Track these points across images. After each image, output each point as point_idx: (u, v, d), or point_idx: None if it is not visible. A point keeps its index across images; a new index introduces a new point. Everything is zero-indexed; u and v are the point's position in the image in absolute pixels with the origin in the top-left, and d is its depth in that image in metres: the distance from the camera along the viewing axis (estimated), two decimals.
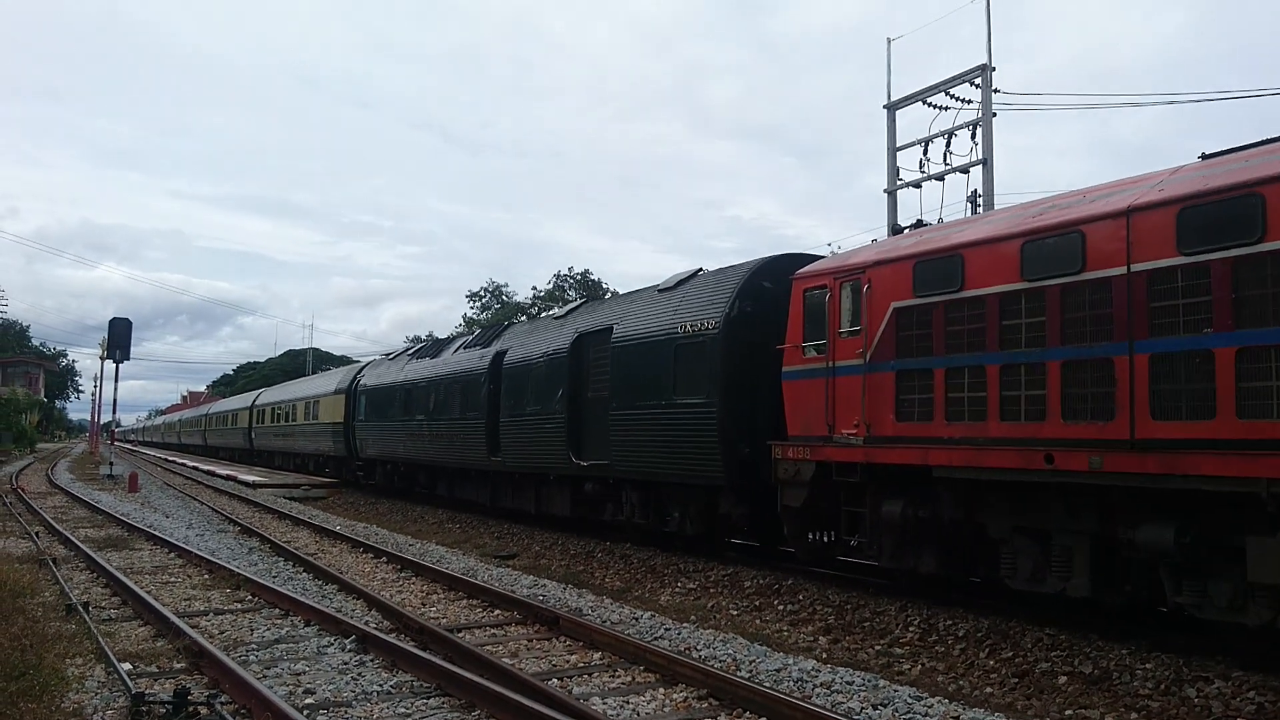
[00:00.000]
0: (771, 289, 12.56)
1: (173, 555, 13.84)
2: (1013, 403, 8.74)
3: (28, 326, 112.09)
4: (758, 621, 10.29)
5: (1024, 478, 8.54)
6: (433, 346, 25.07)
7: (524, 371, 17.87)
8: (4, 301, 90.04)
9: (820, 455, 10.69)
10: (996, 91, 18.94)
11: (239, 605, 10.06)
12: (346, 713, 6.28)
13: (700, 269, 14.80)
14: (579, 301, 17.98)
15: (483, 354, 20.13)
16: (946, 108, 19.58)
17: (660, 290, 14.86)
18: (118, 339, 38.63)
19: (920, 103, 19.99)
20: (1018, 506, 8.91)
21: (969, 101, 19.32)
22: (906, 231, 11.60)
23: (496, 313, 62.56)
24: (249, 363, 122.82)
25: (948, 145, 19.43)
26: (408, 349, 29.17)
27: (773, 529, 12.42)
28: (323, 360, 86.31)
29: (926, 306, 9.68)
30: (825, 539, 11.39)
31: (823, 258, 12.81)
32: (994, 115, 18.94)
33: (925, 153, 19.76)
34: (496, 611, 10.02)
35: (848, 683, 7.15)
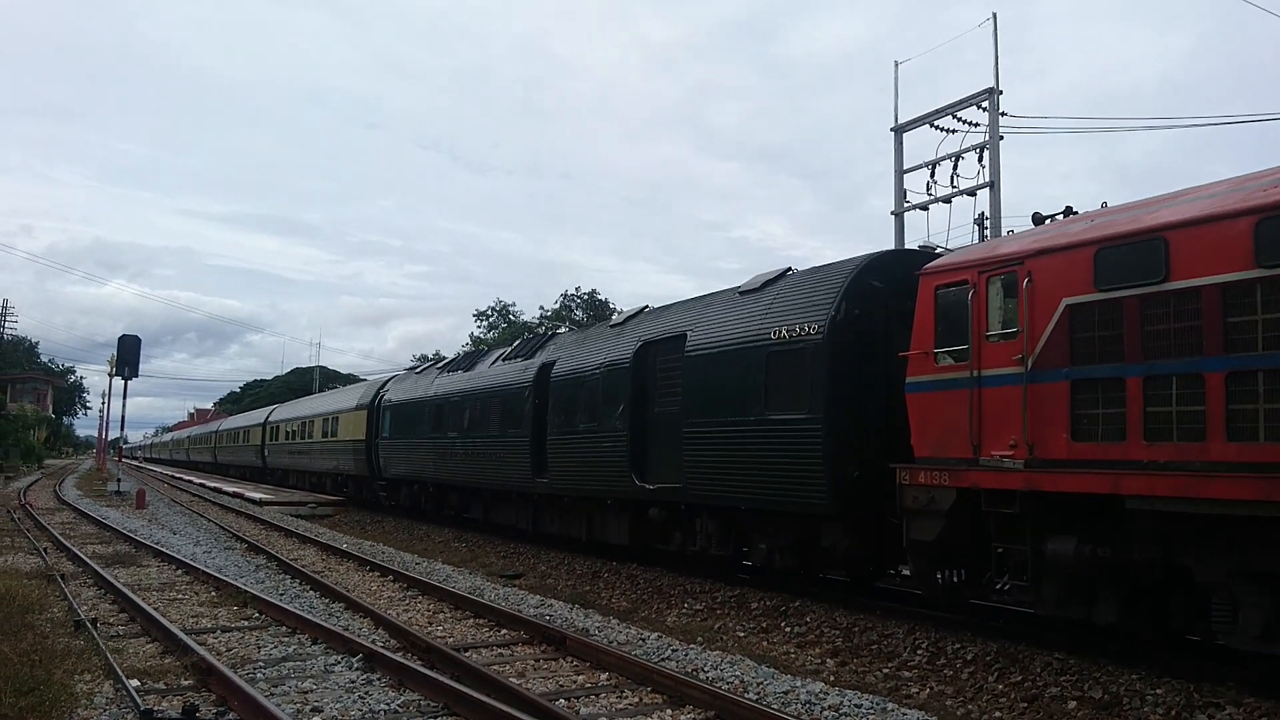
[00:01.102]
0: (881, 289, 11.19)
1: (180, 572, 13.86)
2: (1246, 419, 7.05)
3: (37, 343, 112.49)
4: (765, 643, 10.26)
5: (1263, 512, 6.84)
6: (465, 359, 23.65)
7: (575, 384, 16.30)
8: (13, 318, 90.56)
9: (963, 481, 9.00)
10: (1003, 114, 19.06)
11: (246, 623, 10.07)
12: None
13: (789, 269, 13.22)
14: (636, 309, 16.33)
15: (526, 366, 18.56)
16: (954, 130, 19.71)
17: (742, 292, 13.22)
18: (127, 356, 38.69)
19: (927, 125, 20.11)
20: (1243, 546, 7.17)
21: (976, 124, 19.44)
22: (1062, 218, 9.61)
23: (503, 331, 62.64)
24: (256, 380, 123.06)
25: (955, 168, 19.55)
26: (436, 362, 27.73)
27: (876, 564, 11.77)
28: (329, 378, 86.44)
29: (1113, 302, 8.03)
30: (956, 578, 9.78)
31: (944, 251, 11.92)
32: (1001, 138, 19.05)
33: (932, 175, 19.89)
34: (503, 631, 10.00)
35: (856, 705, 7.12)
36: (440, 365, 25.07)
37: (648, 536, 14.77)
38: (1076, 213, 9.50)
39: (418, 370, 27.24)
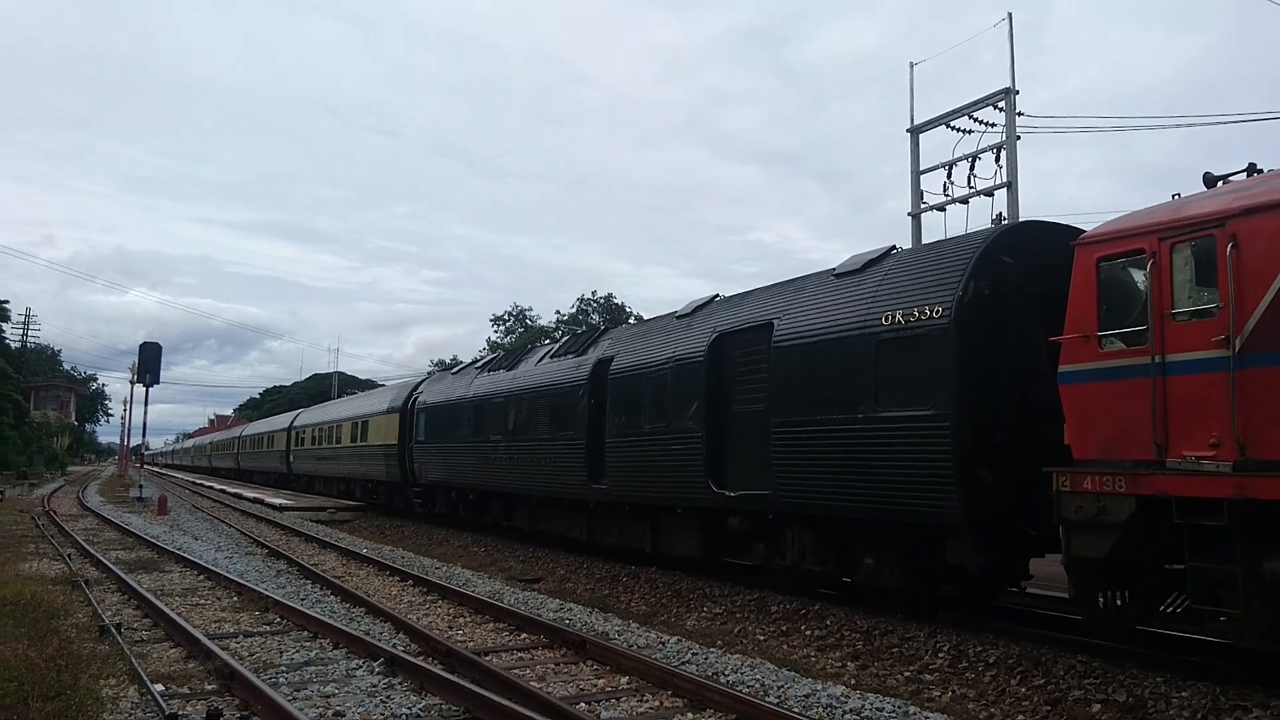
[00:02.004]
0: (1013, 265, 9.86)
1: (202, 577, 13.96)
2: None
3: (59, 351, 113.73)
4: (785, 646, 10.23)
5: None
6: (507, 357, 22.12)
7: (638, 382, 14.86)
8: (36, 327, 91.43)
9: (1146, 487, 7.59)
10: (1020, 115, 18.98)
11: (268, 627, 10.13)
12: None
13: (893, 246, 11.95)
14: (706, 298, 14.89)
15: (578, 363, 17.07)
16: (970, 131, 19.63)
17: (838, 275, 11.78)
18: (148, 363, 39.01)
19: (944, 126, 20.04)
20: None
21: (992, 125, 19.36)
22: (1245, 177, 8.28)
23: (520, 336, 62.80)
24: (275, 386, 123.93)
25: (972, 168, 19.46)
26: (474, 361, 26.43)
27: (1007, 580, 10.69)
28: (348, 384, 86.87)
29: None
30: (1119, 600, 8.32)
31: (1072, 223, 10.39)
32: (1018, 138, 18.96)
33: (949, 176, 19.81)
34: (523, 635, 10.03)
35: (877, 709, 7.10)
36: (479, 364, 23.71)
37: (723, 549, 13.52)
38: (1262, 170, 8.28)
39: (454, 370, 25.98)
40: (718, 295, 14.95)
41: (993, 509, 9.38)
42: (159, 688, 7.04)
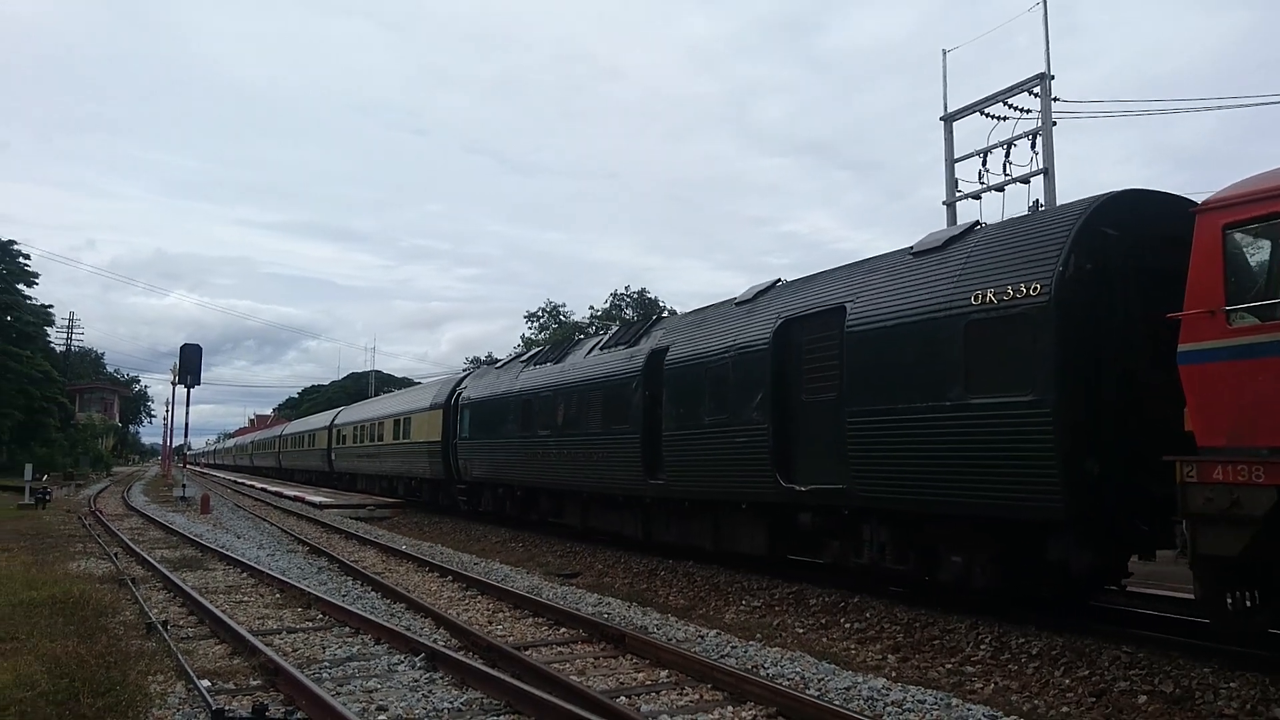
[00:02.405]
0: (1116, 237, 9.10)
1: (245, 575, 14.16)
2: None
3: (103, 354, 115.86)
4: (825, 639, 10.19)
5: None
6: (554, 349, 21.51)
7: (696, 372, 14.19)
8: (80, 330, 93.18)
9: None
10: (1055, 100, 18.73)
11: (310, 624, 10.25)
12: None
13: (977, 222, 11.29)
14: (767, 282, 14.11)
15: (631, 354, 16.46)
16: (1005, 118, 19.41)
17: (916, 254, 10.97)
18: (189, 364, 39.60)
19: (978, 113, 19.83)
20: None
21: (1027, 111, 19.12)
22: None
23: (554, 332, 62.98)
24: (313, 386, 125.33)
25: (1007, 155, 19.23)
26: (519, 355, 25.73)
27: (1110, 579, 10.07)
28: (385, 382, 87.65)
29: None
30: (1249, 602, 7.55)
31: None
32: (1054, 124, 18.71)
33: (984, 163, 19.58)
34: (562, 630, 10.07)
35: (919, 701, 7.05)
36: (525, 358, 23.00)
37: (791, 546, 12.91)
38: None
39: (498, 365, 25.50)
40: (780, 280, 14.17)
41: (1098, 502, 8.70)
42: (205, 683, 7.15)
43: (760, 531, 13.15)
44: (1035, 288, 9.07)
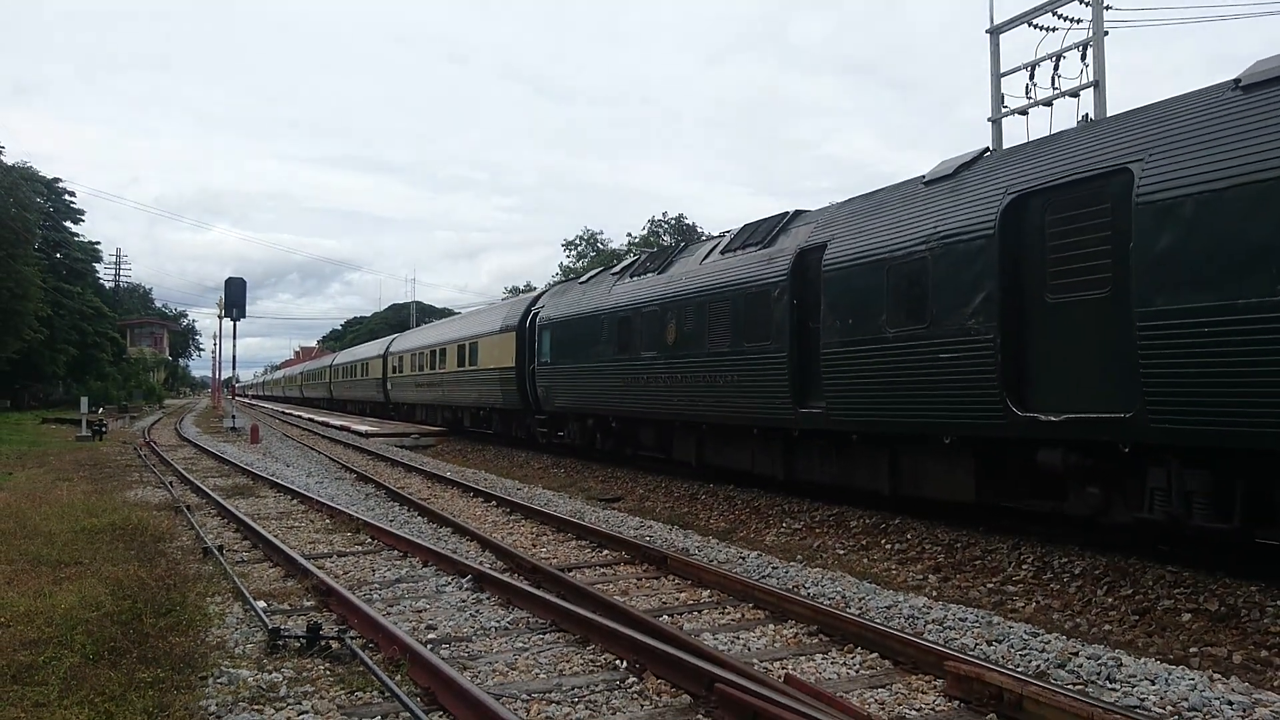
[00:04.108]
0: None
1: (295, 501, 14.51)
2: None
3: (150, 289, 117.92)
4: (865, 560, 10.26)
5: None
6: (653, 259, 18.72)
7: (871, 272, 11.37)
8: (128, 266, 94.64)
9: None
10: (1108, 8, 18.00)
11: (360, 548, 10.51)
12: (467, 647, 6.53)
13: None
14: (973, 152, 11.22)
15: (769, 256, 13.71)
16: (1054, 29, 18.68)
17: (1245, 86, 7.94)
18: (234, 298, 40.27)
19: (1026, 24, 19.11)
20: None
21: (1078, 21, 18.39)
22: None
23: (592, 260, 62.86)
24: (356, 318, 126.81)
25: (1056, 68, 18.56)
26: (608, 266, 23.10)
27: None
28: (425, 313, 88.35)
29: None
30: None
31: None
32: (1106, 34, 18.01)
33: (1031, 77, 18.93)
34: (605, 552, 10.23)
35: (960, 619, 7.10)
36: (617, 269, 20.48)
37: (1011, 492, 10.21)
38: None
39: (581, 280, 22.80)
40: (988, 149, 11.54)
41: None
42: (261, 604, 7.37)
43: (965, 472, 10.55)
44: None
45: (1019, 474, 9.95)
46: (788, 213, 14.30)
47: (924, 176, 11.51)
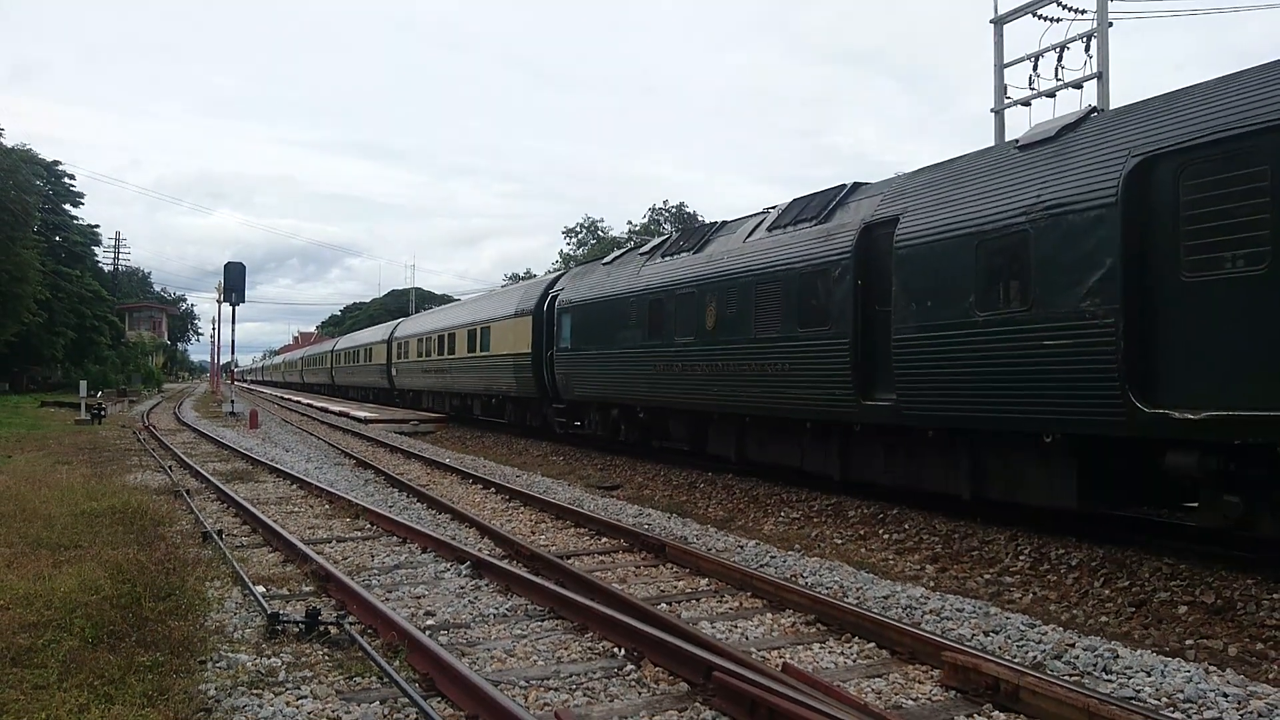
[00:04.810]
0: None
1: (295, 487, 14.52)
2: None
3: (150, 273, 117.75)
4: (863, 550, 10.28)
5: None
6: (686, 237, 17.39)
7: (956, 248, 10.16)
8: (126, 250, 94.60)
9: None
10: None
11: (359, 533, 10.53)
12: (466, 633, 6.55)
13: None
14: (1080, 111, 10.17)
15: (827, 232, 12.51)
16: (1058, 19, 18.64)
17: None
18: (232, 282, 40.19)
19: (1030, 15, 19.06)
20: None
21: (1082, 12, 18.35)
22: None
23: (592, 248, 62.82)
24: (355, 303, 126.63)
25: (1059, 59, 18.52)
26: (635, 246, 21.49)
27: None
28: (425, 300, 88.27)
29: None
30: None
31: None
32: (1110, 25, 17.96)
33: (1035, 68, 18.90)
34: (604, 539, 10.25)
35: (958, 610, 7.12)
36: (646, 249, 19.03)
37: (1118, 497, 9.38)
38: None
39: (605, 260, 21.16)
40: (1094, 109, 10.37)
41: None
42: (260, 589, 7.39)
43: (1066, 475, 9.34)
44: None
45: (1133, 478, 8.98)
46: (844, 185, 13.15)
47: (1017, 141, 10.33)
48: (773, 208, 14.93)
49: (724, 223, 16.51)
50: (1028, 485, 9.81)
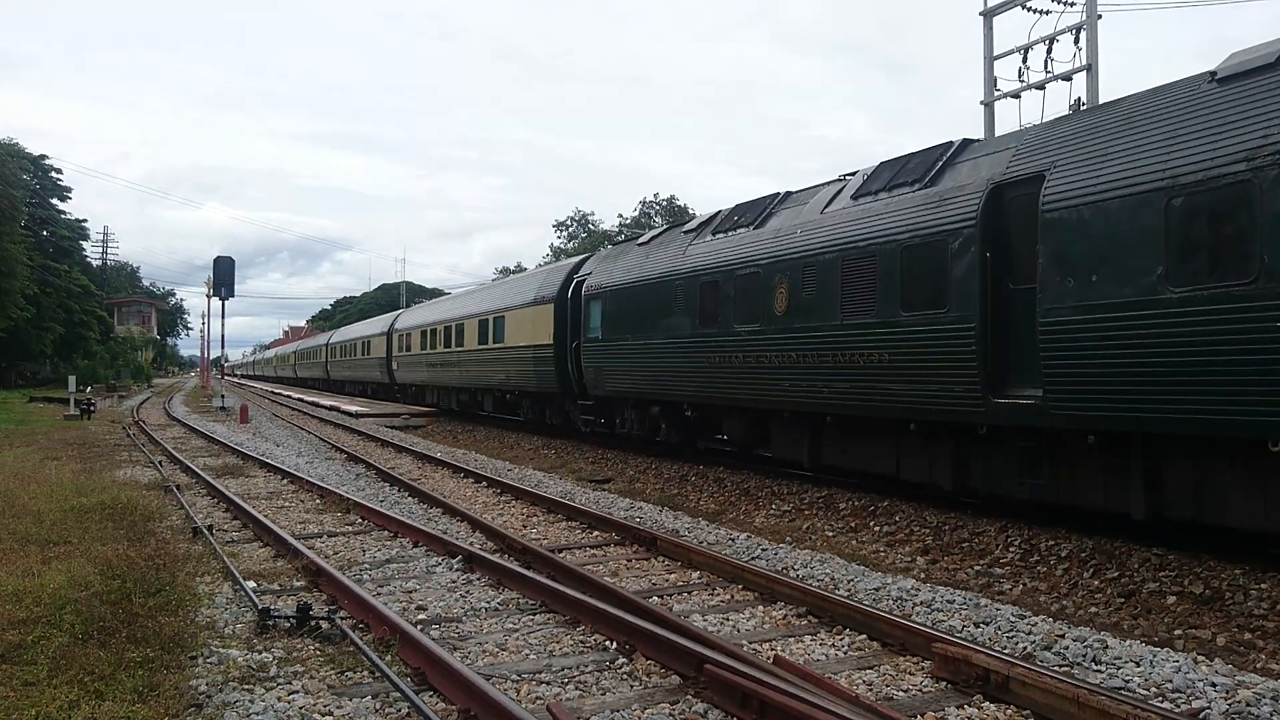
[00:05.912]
0: None
1: (285, 481, 14.49)
2: None
3: (138, 268, 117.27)
4: (854, 542, 10.31)
5: None
6: (746, 209, 14.90)
7: (1139, 208, 8.09)
8: (115, 244, 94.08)
9: None
10: None
11: (350, 528, 10.51)
12: (457, 627, 6.55)
13: None
14: None
15: (938, 195, 10.50)
16: (1048, 11, 18.63)
17: None
18: (222, 277, 40.07)
19: (1019, 7, 19.07)
20: None
21: (1071, 4, 18.37)
22: None
23: (583, 241, 62.74)
24: (345, 297, 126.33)
25: (1049, 51, 18.52)
26: (678, 224, 18.67)
27: None
28: (416, 293, 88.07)
29: None
30: None
31: None
32: (1099, 17, 17.98)
33: (1025, 60, 18.90)
34: (595, 533, 10.25)
35: (948, 601, 7.14)
36: (692, 226, 16.77)
37: None
38: None
39: (640, 241, 18.86)
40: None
41: None
42: (251, 584, 7.37)
43: None
44: None
45: None
46: (951, 142, 11.21)
47: (1213, 72, 8.20)
48: (851, 174, 13.02)
49: (787, 193, 14.38)
50: (1235, 506, 7.88)
